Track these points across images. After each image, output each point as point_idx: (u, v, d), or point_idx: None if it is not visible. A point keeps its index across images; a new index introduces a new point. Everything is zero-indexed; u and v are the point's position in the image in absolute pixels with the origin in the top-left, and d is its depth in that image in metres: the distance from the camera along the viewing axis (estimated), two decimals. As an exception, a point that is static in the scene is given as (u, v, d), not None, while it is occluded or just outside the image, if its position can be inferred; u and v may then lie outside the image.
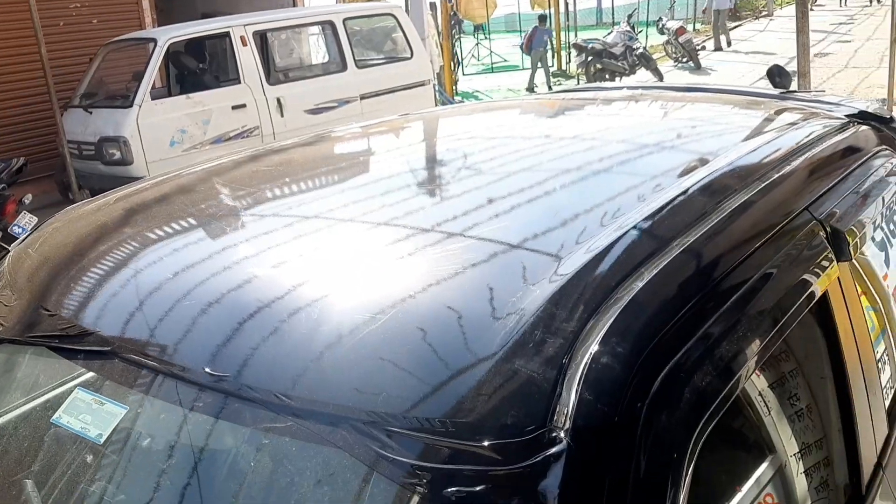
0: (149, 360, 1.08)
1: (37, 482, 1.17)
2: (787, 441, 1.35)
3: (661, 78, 13.97)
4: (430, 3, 13.06)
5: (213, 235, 1.38)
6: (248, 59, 7.55)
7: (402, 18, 8.75)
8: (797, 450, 1.37)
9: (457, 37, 15.79)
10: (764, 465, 1.31)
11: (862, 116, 2.19)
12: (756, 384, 1.33)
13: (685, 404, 0.98)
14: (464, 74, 17.05)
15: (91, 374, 1.14)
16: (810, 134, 1.82)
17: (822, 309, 1.40)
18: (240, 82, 7.53)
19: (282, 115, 7.72)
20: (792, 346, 1.42)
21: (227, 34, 7.51)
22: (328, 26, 8.30)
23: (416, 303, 1.07)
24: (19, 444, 1.25)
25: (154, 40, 7.21)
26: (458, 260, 1.16)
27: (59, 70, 8.86)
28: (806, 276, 1.33)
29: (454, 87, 13.62)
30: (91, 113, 7.24)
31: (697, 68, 14.81)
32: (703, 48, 16.05)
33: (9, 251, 1.62)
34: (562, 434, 0.88)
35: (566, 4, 16.78)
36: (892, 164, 1.96)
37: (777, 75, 4.16)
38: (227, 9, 11.68)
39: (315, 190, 1.67)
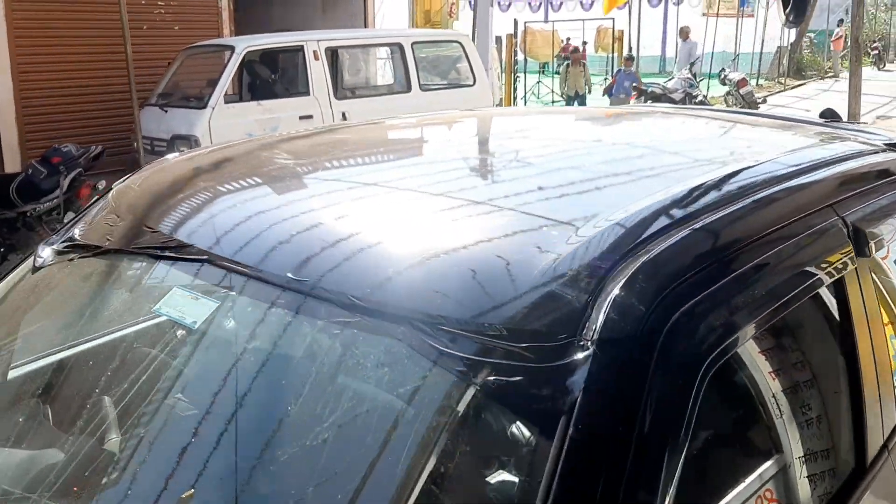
0: (239, 267, 1.27)
1: (139, 359, 1.39)
2: (794, 444, 1.48)
3: (719, 127, 14.06)
4: (496, 37, 13.39)
5: (293, 175, 1.59)
6: (318, 72, 7.88)
7: (468, 46, 9.04)
8: (802, 454, 1.50)
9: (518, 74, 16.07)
10: (768, 463, 1.44)
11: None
12: (771, 385, 1.47)
13: (697, 337, 1.14)
14: (523, 109, 17.37)
15: (187, 276, 1.34)
16: (846, 150, 1.97)
17: (839, 295, 1.54)
18: (309, 94, 7.86)
19: (345, 129, 8.02)
20: (808, 325, 1.56)
21: (301, 48, 7.86)
22: (396, 48, 8.62)
23: (483, 235, 1.26)
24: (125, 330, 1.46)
25: (232, 47, 7.59)
26: (519, 211, 1.36)
27: (138, 70, 9.35)
28: (821, 260, 1.47)
29: (513, 120, 13.91)
30: (166, 112, 7.62)
31: (757, 120, 14.86)
32: (764, 101, 16.10)
33: (111, 188, 1.85)
34: (589, 343, 1.05)
35: (629, 49, 16.97)
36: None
37: (829, 117, 4.30)
38: (301, 26, 12.16)
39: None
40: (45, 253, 1.67)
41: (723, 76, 15.65)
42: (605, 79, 19.43)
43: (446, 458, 1.06)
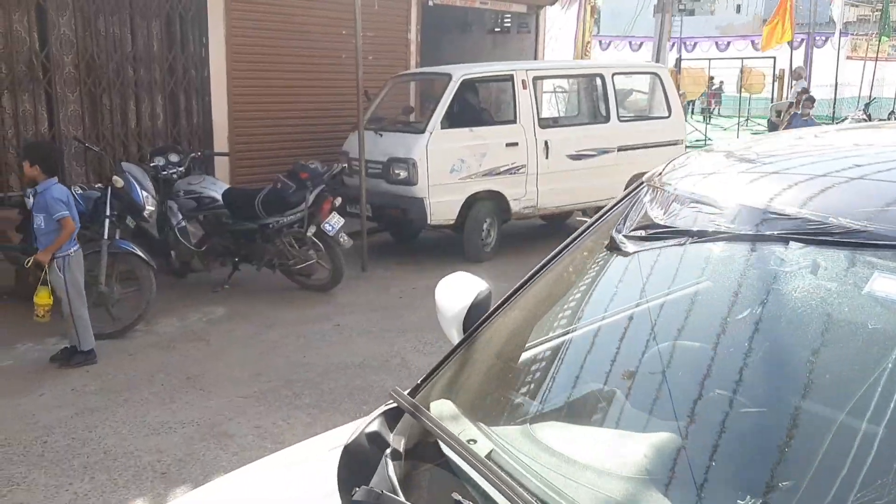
0: None
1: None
2: None
3: None
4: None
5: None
6: (525, 101, 8.05)
7: (665, 78, 9.07)
8: None
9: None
10: None
11: None
12: None
13: None
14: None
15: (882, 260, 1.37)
16: None
17: None
18: (515, 122, 8.03)
19: (546, 157, 8.15)
20: None
21: (511, 77, 8.06)
22: (598, 79, 8.72)
23: None
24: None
25: (449, 75, 7.84)
26: None
27: (334, 96, 9.82)
28: None
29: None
30: (381, 136, 7.91)
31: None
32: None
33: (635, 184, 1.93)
34: None
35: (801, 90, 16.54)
36: None
37: None
38: (471, 59, 12.48)
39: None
40: (629, 241, 1.75)
41: (892, 119, 15.17)
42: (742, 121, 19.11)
43: None
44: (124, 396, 4.78)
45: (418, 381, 1.89)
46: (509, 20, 13.06)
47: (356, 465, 1.66)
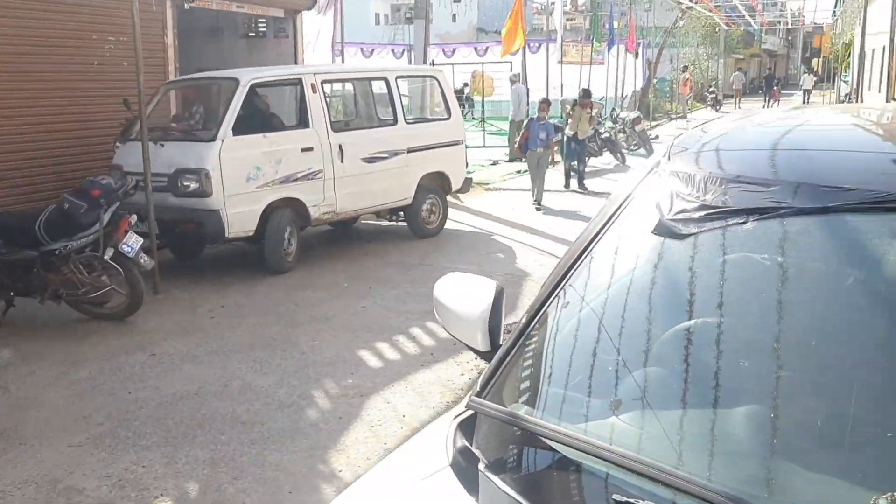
0: None
1: None
2: None
3: (624, 162, 15.08)
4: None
5: None
6: (317, 105, 7.86)
7: (443, 82, 9.30)
8: None
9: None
10: None
11: None
12: None
13: None
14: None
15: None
16: None
17: None
18: (309, 127, 7.81)
19: (342, 161, 8.01)
20: None
21: (300, 80, 7.83)
22: (383, 82, 8.74)
23: None
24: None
25: (236, 80, 7.42)
26: None
27: (94, 107, 8.91)
28: None
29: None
30: (162, 146, 7.26)
31: (650, 154, 16.06)
32: (657, 137, 17.46)
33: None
34: None
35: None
36: None
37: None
38: (227, 65, 11.94)
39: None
40: (681, 224, 1.73)
41: (614, 115, 16.83)
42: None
43: None
44: (-78, 466, 3.96)
45: (477, 389, 1.75)
46: (264, 25, 12.68)
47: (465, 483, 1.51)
